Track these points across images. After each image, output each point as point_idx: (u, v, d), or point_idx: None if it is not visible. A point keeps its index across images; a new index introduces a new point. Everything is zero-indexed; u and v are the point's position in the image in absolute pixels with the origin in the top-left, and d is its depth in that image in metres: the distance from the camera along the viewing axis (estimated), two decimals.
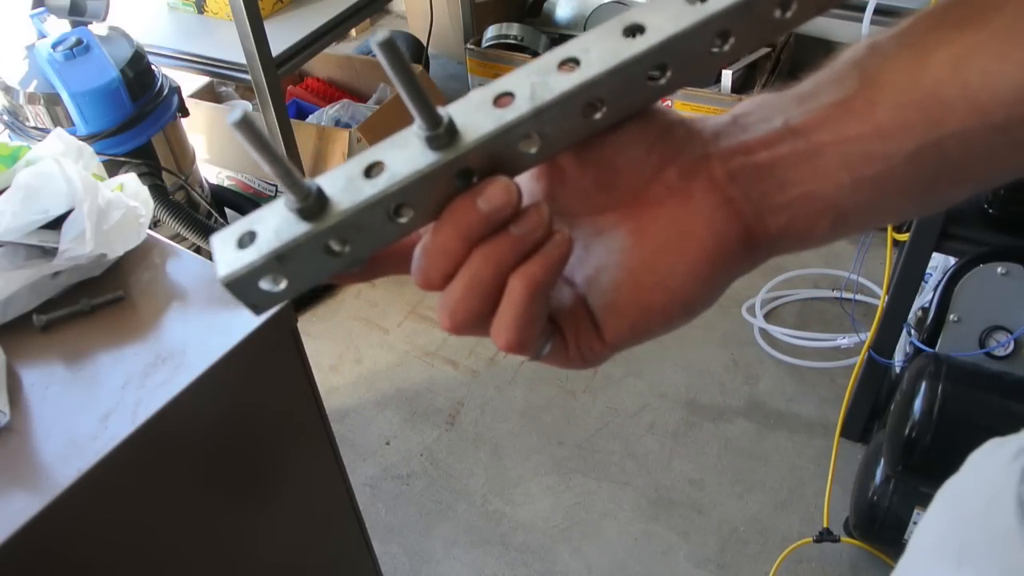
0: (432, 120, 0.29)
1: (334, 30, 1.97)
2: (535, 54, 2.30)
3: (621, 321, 0.34)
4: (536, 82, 0.31)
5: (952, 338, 1.28)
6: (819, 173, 0.31)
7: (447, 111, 0.30)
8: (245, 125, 0.26)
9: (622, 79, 0.31)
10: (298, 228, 0.30)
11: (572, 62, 0.31)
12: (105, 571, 0.78)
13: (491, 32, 2.36)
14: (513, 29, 2.32)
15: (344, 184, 0.30)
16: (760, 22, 0.32)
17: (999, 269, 1.21)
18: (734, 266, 0.33)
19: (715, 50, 0.32)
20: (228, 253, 0.31)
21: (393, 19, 3.02)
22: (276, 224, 0.30)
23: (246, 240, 0.30)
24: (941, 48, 0.31)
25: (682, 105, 2.13)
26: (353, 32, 2.85)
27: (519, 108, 0.30)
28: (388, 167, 0.30)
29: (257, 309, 0.33)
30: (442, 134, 0.30)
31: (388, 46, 0.27)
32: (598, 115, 0.32)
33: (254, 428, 0.90)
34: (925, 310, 1.33)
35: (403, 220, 0.31)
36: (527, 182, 0.34)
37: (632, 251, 0.33)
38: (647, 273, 0.33)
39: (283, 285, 0.31)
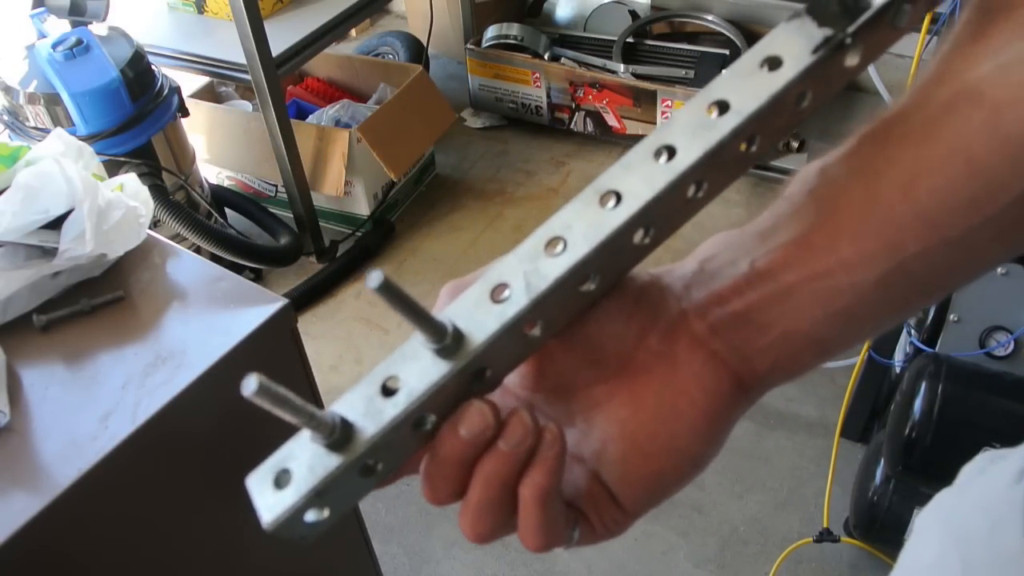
0: (437, 333, 0.30)
1: (334, 30, 1.97)
2: (535, 54, 2.30)
3: (637, 490, 0.34)
4: (528, 270, 0.31)
5: (952, 338, 1.28)
6: (793, 312, 0.32)
7: (449, 318, 0.31)
8: (387, 289, 0.28)
9: (610, 251, 0.31)
10: (331, 461, 0.30)
11: (557, 241, 0.32)
12: (105, 571, 0.78)
13: (491, 32, 2.36)
14: (513, 29, 2.32)
15: (365, 407, 0.31)
16: (729, 163, 0.33)
17: (999, 269, 1.21)
18: (732, 413, 0.34)
19: (691, 197, 0.33)
20: (268, 497, 0.31)
21: (393, 19, 3.02)
22: (308, 460, 0.31)
23: (282, 480, 0.31)
24: (890, 170, 0.31)
25: (682, 105, 2.13)
26: (353, 32, 2.85)
27: (518, 301, 0.31)
28: (404, 383, 0.31)
29: (306, 539, 0.33)
30: (449, 344, 0.31)
31: (385, 288, 0.28)
32: (592, 286, 0.33)
33: (254, 428, 0.90)
34: (925, 310, 1.33)
35: (427, 428, 0.32)
36: (517, 369, 0.35)
37: (631, 421, 0.34)
38: (651, 441, 0.33)
39: (326, 514, 0.32)
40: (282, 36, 1.86)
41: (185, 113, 1.80)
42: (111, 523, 0.76)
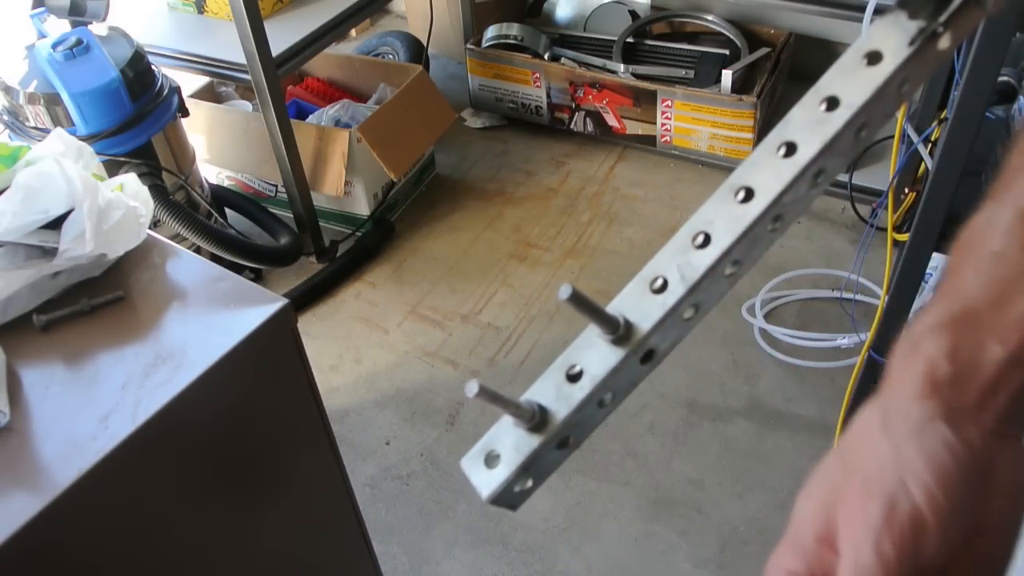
0: (612, 327, 0.36)
1: (334, 30, 1.97)
2: (535, 54, 2.30)
3: None
4: (681, 263, 0.36)
5: None
6: None
7: (619, 311, 0.36)
8: (576, 298, 0.33)
9: (749, 240, 0.36)
10: (533, 441, 0.36)
11: (703, 236, 0.36)
12: (105, 571, 0.78)
13: (491, 32, 2.36)
14: (513, 29, 2.32)
15: (555, 393, 0.37)
16: (845, 151, 0.36)
17: None
18: None
19: (813, 184, 0.36)
20: (482, 475, 0.37)
21: (393, 19, 3.02)
22: (513, 441, 0.37)
23: (491, 460, 0.37)
24: None
25: (682, 105, 2.13)
26: (353, 32, 2.85)
27: (675, 291, 0.36)
28: (586, 369, 0.36)
29: (514, 507, 0.39)
30: (623, 333, 0.36)
31: (574, 297, 0.33)
32: (735, 271, 0.37)
33: (254, 428, 0.90)
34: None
35: (607, 405, 0.38)
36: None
37: (986, 543, 0.33)
38: (1003, 549, 0.33)
39: (530, 484, 0.38)
40: (282, 36, 1.86)
41: (185, 113, 1.80)
42: (111, 523, 0.76)
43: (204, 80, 2.18)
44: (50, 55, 1.54)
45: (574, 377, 0.36)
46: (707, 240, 0.36)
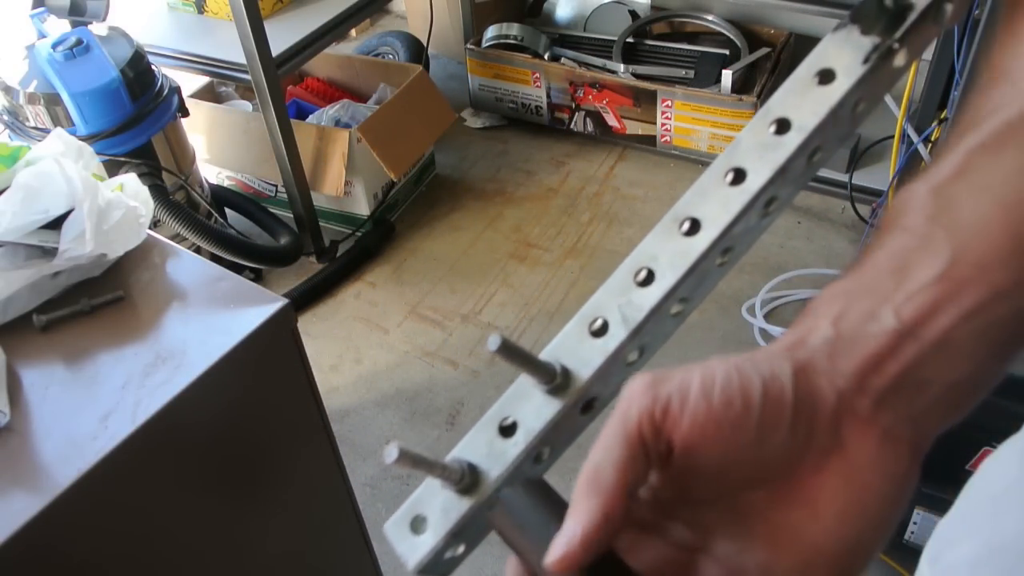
0: (548, 376, 0.33)
1: (334, 30, 1.97)
2: (535, 54, 2.30)
3: None
4: (622, 303, 0.33)
5: None
6: (955, 361, 0.29)
7: (556, 358, 0.33)
8: (506, 348, 0.30)
9: (696, 275, 0.33)
10: (463, 504, 0.33)
11: (644, 272, 0.33)
12: (105, 571, 0.78)
13: (491, 32, 2.36)
14: (513, 29, 2.32)
15: (487, 450, 0.33)
16: (797, 176, 0.33)
17: None
18: (913, 483, 0.31)
19: (765, 214, 0.34)
20: (407, 540, 0.34)
21: (393, 19, 3.02)
22: (441, 504, 0.33)
23: (418, 525, 0.34)
24: (1018, 184, 0.29)
25: (682, 105, 2.13)
26: (353, 32, 2.85)
27: (617, 335, 0.33)
28: (520, 422, 0.33)
29: (446, 574, 0.36)
30: (560, 382, 0.33)
31: (504, 348, 0.30)
32: (683, 308, 0.34)
33: (254, 428, 0.90)
34: None
35: (544, 460, 0.35)
36: (653, 484, 0.32)
37: (810, 527, 0.30)
38: (836, 543, 0.30)
39: (462, 549, 0.35)
40: (282, 36, 1.86)
41: (185, 113, 1.80)
42: (111, 523, 0.76)
43: (204, 80, 2.18)
44: (50, 55, 1.54)
45: (507, 430, 0.33)
46: (650, 277, 0.33)
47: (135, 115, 1.61)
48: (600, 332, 0.33)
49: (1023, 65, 0.31)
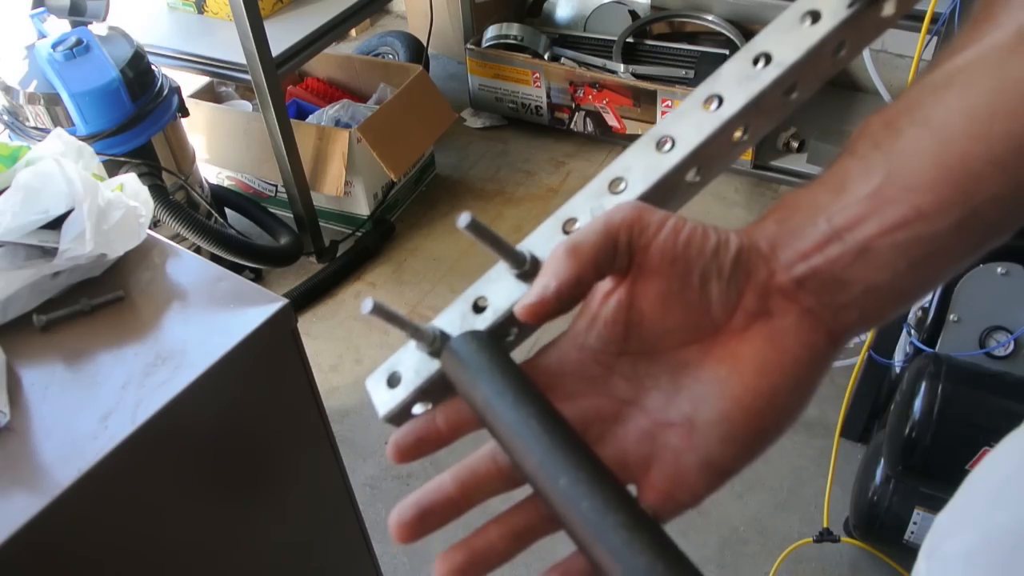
0: (517, 261, 0.35)
1: (334, 30, 1.97)
2: (535, 54, 2.30)
3: (738, 448, 0.35)
4: (594, 206, 0.36)
5: (952, 338, 1.28)
6: (875, 267, 0.33)
7: (528, 248, 0.36)
8: (475, 226, 0.32)
9: (664, 188, 0.35)
10: (432, 365, 0.36)
11: (619, 181, 0.36)
12: (105, 571, 0.78)
13: (491, 32, 2.36)
14: (513, 29, 2.32)
15: (460, 322, 0.37)
16: (772, 109, 0.36)
17: (999, 269, 1.21)
18: (827, 364, 0.35)
19: (737, 141, 0.36)
20: (382, 394, 0.37)
21: (393, 19, 3.02)
22: (414, 364, 0.37)
23: (393, 380, 0.37)
24: (959, 118, 0.32)
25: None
26: (353, 32, 2.85)
27: None
28: (491, 301, 0.36)
29: None
30: (528, 269, 0.36)
31: (473, 226, 0.32)
32: None
33: (254, 428, 0.90)
34: (925, 310, 1.33)
35: (511, 339, 0.38)
36: (600, 327, 0.35)
37: (732, 380, 0.34)
38: (754, 398, 0.34)
39: (429, 406, 0.37)
40: (282, 36, 1.86)
41: (185, 113, 1.80)
42: (110, 523, 0.76)
43: (204, 80, 2.18)
44: (50, 55, 1.54)
45: (479, 309, 0.36)
46: (624, 186, 0.36)
47: (135, 115, 1.61)
48: (571, 230, 0.36)
49: (992, 10, 0.33)
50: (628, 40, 2.28)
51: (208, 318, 0.83)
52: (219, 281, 0.86)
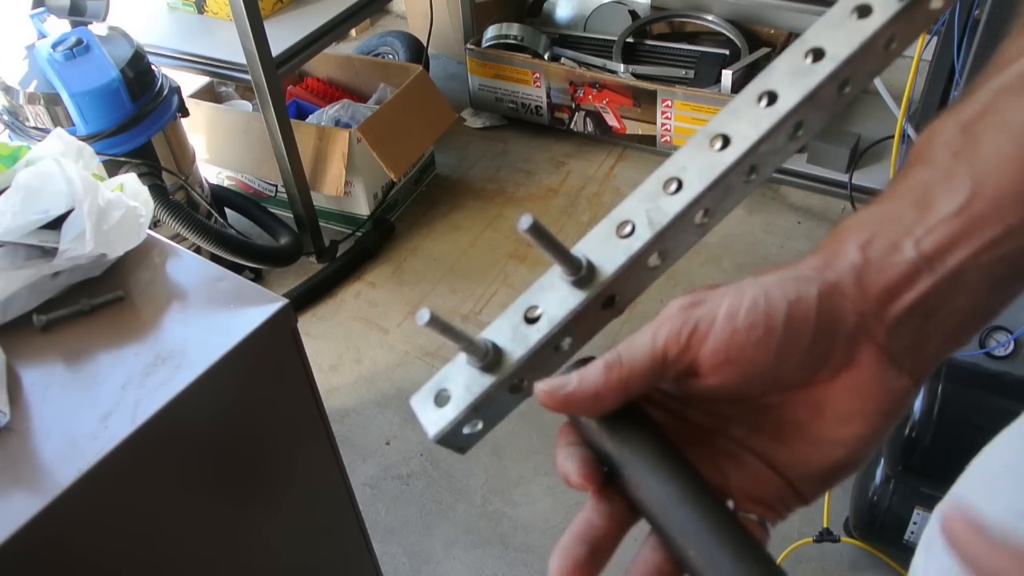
0: (574, 267, 0.34)
1: (334, 30, 1.97)
2: (535, 54, 2.30)
3: (816, 485, 0.35)
4: (650, 208, 0.35)
5: None
6: (962, 292, 0.31)
7: (583, 253, 0.35)
8: (536, 230, 0.31)
9: (721, 188, 0.34)
10: (485, 381, 0.35)
11: (673, 182, 0.35)
12: (104, 570, 0.78)
13: (491, 32, 2.36)
14: (513, 29, 2.32)
15: (511, 334, 0.35)
16: (826, 104, 0.35)
17: None
18: (907, 407, 0.35)
19: (793, 136, 0.35)
20: (430, 413, 0.35)
21: (393, 19, 3.02)
22: (464, 380, 0.35)
23: (441, 399, 0.35)
24: None
25: (682, 105, 2.13)
26: (353, 32, 2.85)
27: (642, 236, 0.35)
28: (544, 311, 0.35)
29: (463, 450, 0.37)
30: (584, 275, 0.34)
31: (534, 229, 0.31)
32: (706, 221, 0.36)
33: (254, 428, 0.90)
34: None
35: (565, 349, 0.36)
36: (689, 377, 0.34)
37: (814, 425, 0.34)
38: (833, 443, 0.33)
39: (480, 426, 0.36)
40: (282, 36, 1.86)
41: (185, 113, 1.80)
42: (111, 523, 0.76)
43: (204, 80, 2.18)
44: (50, 55, 1.54)
45: (532, 319, 0.35)
46: (679, 186, 0.35)
47: (135, 115, 1.61)
48: (628, 234, 0.35)
49: None
50: (628, 40, 2.28)
51: (208, 318, 0.82)
52: (219, 281, 0.86)
